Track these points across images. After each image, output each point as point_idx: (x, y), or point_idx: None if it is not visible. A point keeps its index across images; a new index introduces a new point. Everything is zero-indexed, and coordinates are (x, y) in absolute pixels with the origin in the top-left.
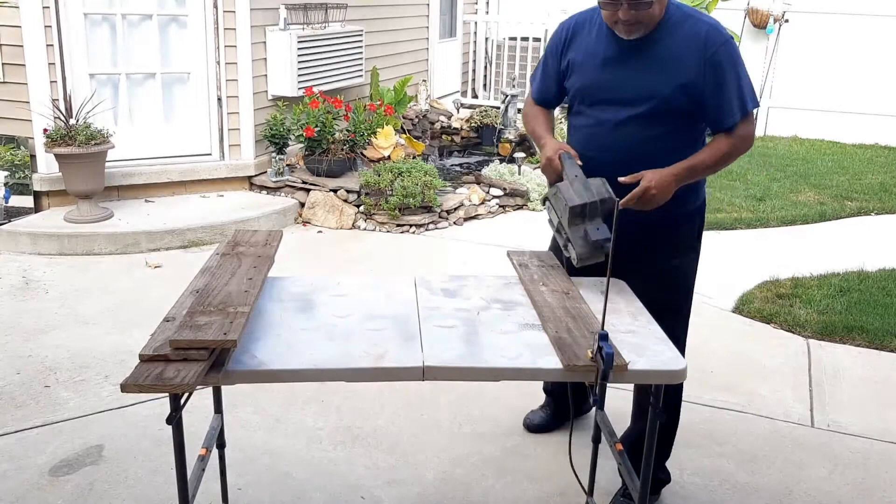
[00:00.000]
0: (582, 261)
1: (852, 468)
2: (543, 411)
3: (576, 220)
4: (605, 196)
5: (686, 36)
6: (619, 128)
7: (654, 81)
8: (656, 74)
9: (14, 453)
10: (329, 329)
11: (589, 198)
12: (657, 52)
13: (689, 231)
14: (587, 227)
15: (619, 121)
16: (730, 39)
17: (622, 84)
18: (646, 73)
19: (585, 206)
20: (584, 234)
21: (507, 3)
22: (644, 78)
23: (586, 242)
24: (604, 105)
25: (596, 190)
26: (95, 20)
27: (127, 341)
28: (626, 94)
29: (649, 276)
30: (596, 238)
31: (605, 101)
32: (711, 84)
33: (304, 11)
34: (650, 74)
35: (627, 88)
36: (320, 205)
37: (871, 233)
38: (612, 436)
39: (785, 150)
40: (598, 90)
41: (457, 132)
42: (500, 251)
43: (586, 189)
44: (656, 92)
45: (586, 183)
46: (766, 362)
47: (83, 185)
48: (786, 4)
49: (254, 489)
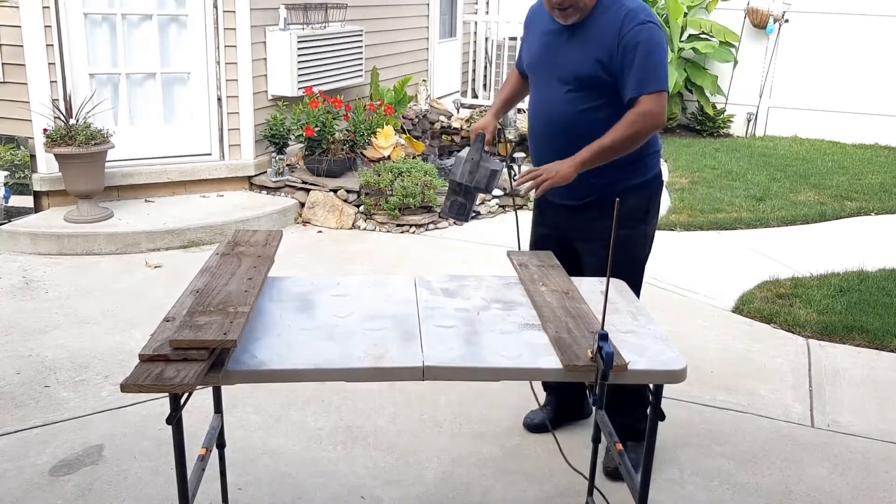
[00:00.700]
0: (440, 216)
1: (852, 468)
2: (544, 411)
3: (452, 188)
4: (480, 185)
5: (609, 19)
6: (555, 103)
7: (578, 60)
8: (580, 53)
9: (14, 453)
10: (329, 329)
11: (465, 180)
12: (583, 34)
13: (635, 204)
14: (454, 198)
15: (555, 96)
16: (646, 22)
17: (556, 62)
18: (572, 52)
19: (460, 185)
20: (448, 204)
21: (507, 3)
22: (570, 56)
23: (447, 208)
24: (545, 81)
25: (478, 177)
26: (95, 20)
27: (127, 341)
28: (559, 72)
29: (597, 244)
30: (452, 211)
31: (545, 78)
32: (620, 61)
33: (304, 11)
34: (575, 53)
35: (559, 66)
36: (320, 205)
37: (871, 233)
38: (611, 436)
39: (785, 150)
40: (539, 66)
41: (457, 132)
42: (500, 251)
43: (470, 173)
44: (579, 69)
45: (475, 167)
46: (766, 362)
47: (83, 185)
48: (786, 4)
49: (254, 489)
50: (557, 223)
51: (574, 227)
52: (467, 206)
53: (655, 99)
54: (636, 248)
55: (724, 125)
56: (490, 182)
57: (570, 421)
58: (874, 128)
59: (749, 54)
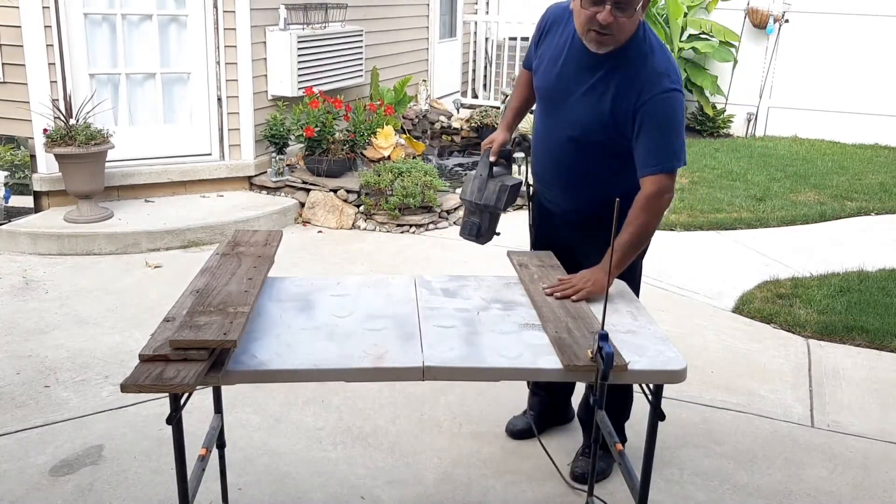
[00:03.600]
0: (461, 236)
1: (852, 468)
2: (527, 416)
3: (468, 210)
4: (490, 202)
5: (633, 75)
6: (560, 144)
7: (587, 114)
8: (592, 107)
9: (14, 453)
10: (329, 329)
11: (475, 199)
12: (604, 82)
13: None
14: (467, 219)
15: (561, 138)
16: (669, 90)
17: (564, 105)
18: (583, 103)
19: (471, 203)
20: (462, 224)
21: (507, 3)
22: (580, 107)
23: (462, 230)
24: (552, 115)
25: (486, 194)
26: (95, 20)
27: (127, 341)
28: (565, 116)
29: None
30: (465, 231)
31: (554, 112)
32: (637, 131)
33: (304, 11)
34: (586, 106)
35: (567, 111)
36: (320, 205)
37: (871, 233)
38: (611, 436)
39: (785, 150)
40: (549, 96)
41: (457, 132)
42: (500, 251)
43: (479, 190)
44: (587, 124)
45: (484, 184)
46: (766, 362)
47: (83, 185)
48: (786, 4)
49: (254, 489)
50: (558, 231)
51: (574, 237)
52: (481, 226)
53: (665, 178)
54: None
55: (724, 125)
56: (500, 198)
57: (553, 426)
58: (874, 128)
59: (749, 54)
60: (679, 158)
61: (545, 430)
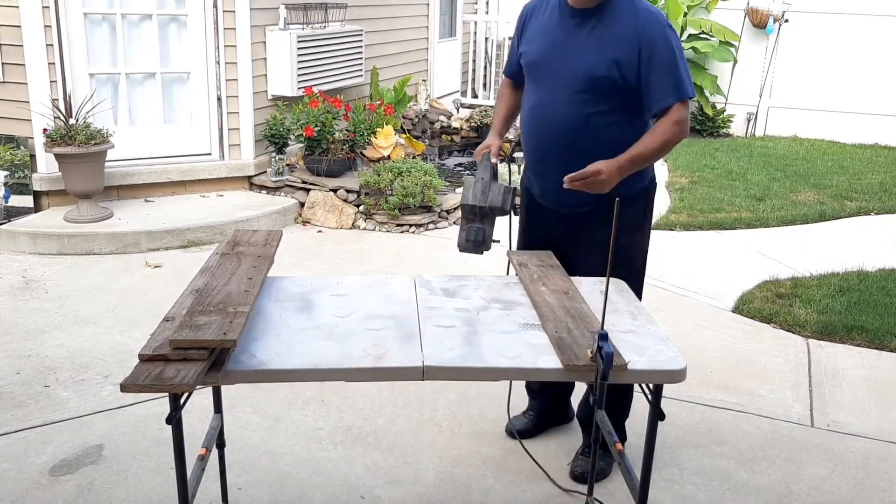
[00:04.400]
0: (460, 250)
1: (852, 468)
2: (526, 416)
3: (466, 216)
4: (495, 205)
5: (625, 19)
6: (558, 106)
7: (588, 60)
8: (592, 53)
9: (14, 453)
10: (329, 329)
11: (479, 202)
12: (596, 33)
13: (634, 212)
14: (469, 226)
15: (560, 99)
16: (667, 27)
17: (565, 62)
18: (582, 53)
19: (475, 207)
20: (466, 232)
21: (507, 3)
22: (580, 57)
23: (464, 239)
24: (548, 82)
25: (491, 196)
26: (95, 20)
27: (127, 341)
28: (568, 73)
29: (596, 255)
30: (469, 239)
31: (549, 78)
32: (643, 66)
33: (304, 11)
34: (586, 54)
35: (569, 66)
36: (320, 205)
37: (871, 233)
38: (611, 435)
39: (785, 150)
40: (543, 66)
41: (457, 132)
42: (500, 251)
43: (483, 193)
44: (595, 69)
45: (487, 187)
46: (766, 362)
47: (83, 184)
48: (786, 4)
49: (254, 489)
50: (550, 230)
51: (569, 235)
52: (485, 233)
53: (685, 107)
54: (636, 256)
55: (723, 125)
56: (506, 199)
57: (553, 426)
58: (874, 128)
59: (749, 54)
60: (691, 87)
61: (545, 430)
